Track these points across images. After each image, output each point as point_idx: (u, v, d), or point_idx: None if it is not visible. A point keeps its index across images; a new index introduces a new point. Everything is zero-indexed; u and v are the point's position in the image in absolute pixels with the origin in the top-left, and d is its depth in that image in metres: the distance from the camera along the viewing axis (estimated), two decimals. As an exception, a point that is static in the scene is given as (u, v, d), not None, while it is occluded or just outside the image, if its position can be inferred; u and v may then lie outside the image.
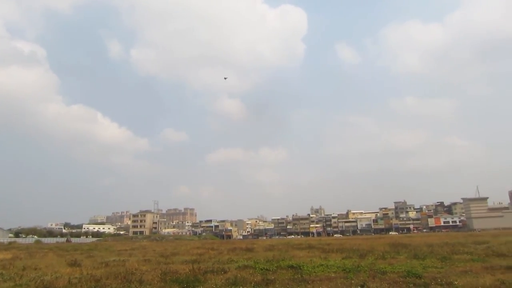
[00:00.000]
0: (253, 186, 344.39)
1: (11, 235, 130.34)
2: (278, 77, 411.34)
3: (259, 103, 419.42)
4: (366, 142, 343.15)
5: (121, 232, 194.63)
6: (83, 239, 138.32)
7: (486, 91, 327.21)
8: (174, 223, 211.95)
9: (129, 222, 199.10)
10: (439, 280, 14.71)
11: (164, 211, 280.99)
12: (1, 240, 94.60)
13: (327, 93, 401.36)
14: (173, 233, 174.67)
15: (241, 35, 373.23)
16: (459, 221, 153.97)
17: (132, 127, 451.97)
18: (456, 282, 14.08)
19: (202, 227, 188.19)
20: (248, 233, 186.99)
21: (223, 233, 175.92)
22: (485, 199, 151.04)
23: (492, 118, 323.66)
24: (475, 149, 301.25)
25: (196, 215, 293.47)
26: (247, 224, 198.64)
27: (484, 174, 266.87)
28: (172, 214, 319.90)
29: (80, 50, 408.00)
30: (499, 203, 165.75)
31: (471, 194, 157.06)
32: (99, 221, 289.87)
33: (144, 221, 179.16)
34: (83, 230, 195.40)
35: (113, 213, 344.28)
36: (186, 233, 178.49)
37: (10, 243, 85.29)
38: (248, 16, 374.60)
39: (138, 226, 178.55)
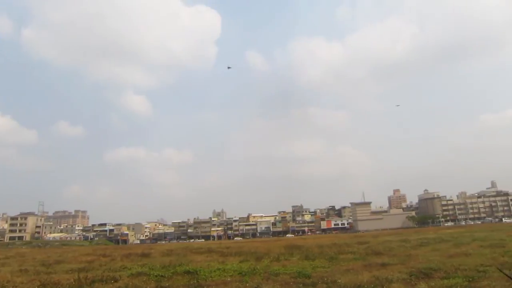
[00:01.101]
0: (155, 188, 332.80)
1: None
2: (188, 77, 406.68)
3: (167, 102, 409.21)
4: (269, 148, 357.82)
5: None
6: None
7: (376, 106, 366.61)
8: (62, 227, 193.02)
9: (6, 226, 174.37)
10: (326, 279, 15.91)
11: (51, 214, 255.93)
12: None
13: (235, 97, 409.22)
14: (61, 238, 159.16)
15: (151, 29, 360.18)
16: (347, 224, 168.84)
17: (18, 116, 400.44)
18: (339, 280, 15.39)
19: (95, 231, 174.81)
20: (146, 238, 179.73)
21: (119, 237, 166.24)
22: (368, 203, 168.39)
23: (379, 132, 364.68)
24: (364, 159, 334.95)
25: (88, 218, 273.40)
26: (146, 227, 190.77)
27: (370, 181, 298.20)
28: (60, 217, 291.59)
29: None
30: (380, 207, 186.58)
31: (358, 199, 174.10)
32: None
33: (25, 224, 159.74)
34: None
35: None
36: (76, 238, 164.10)
37: None
38: (161, 10, 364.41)
39: (17, 231, 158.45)
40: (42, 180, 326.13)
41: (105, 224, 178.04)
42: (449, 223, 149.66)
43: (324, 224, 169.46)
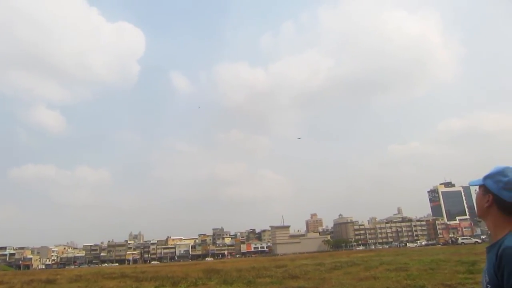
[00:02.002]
0: (66, 208, 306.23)
1: None
2: (108, 93, 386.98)
3: (83, 119, 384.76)
4: (192, 170, 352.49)
5: None
6: None
7: (295, 133, 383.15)
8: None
9: None
10: (241, 303, 16.11)
11: None
12: None
13: (158, 117, 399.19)
14: None
15: (69, 42, 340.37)
16: (267, 247, 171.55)
17: None
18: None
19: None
20: (53, 262, 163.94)
21: (21, 262, 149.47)
22: (287, 227, 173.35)
23: (297, 157, 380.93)
24: (283, 183, 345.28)
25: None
26: (53, 251, 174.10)
27: (289, 205, 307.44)
28: None
29: None
30: (298, 230, 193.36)
31: (278, 223, 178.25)
32: None
33: None
34: None
35: None
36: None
37: None
38: (81, 24, 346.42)
39: None
40: None
41: (5, 248, 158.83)
42: (361, 247, 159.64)
43: (244, 248, 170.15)
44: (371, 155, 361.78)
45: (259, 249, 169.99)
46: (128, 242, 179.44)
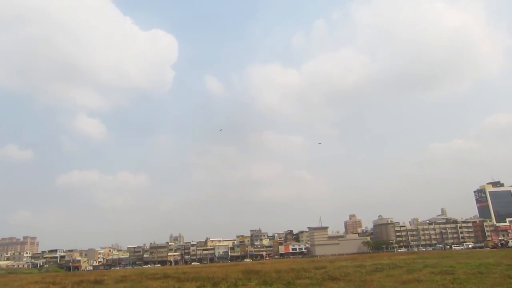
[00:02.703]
0: (109, 212, 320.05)
1: None
2: (144, 100, 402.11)
3: (122, 125, 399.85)
4: (228, 171, 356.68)
5: None
6: None
7: (331, 132, 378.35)
8: (8, 255, 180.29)
9: None
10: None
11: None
12: None
13: (193, 121, 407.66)
14: (7, 266, 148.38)
15: (106, 52, 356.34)
16: (305, 248, 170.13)
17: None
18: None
19: (45, 258, 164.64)
20: (100, 264, 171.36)
21: (70, 264, 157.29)
22: (325, 228, 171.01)
23: (335, 158, 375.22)
24: (320, 184, 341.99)
25: (38, 244, 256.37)
26: (99, 253, 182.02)
27: (327, 206, 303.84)
28: (7, 244, 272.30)
29: None
30: (337, 232, 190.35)
31: (316, 224, 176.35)
32: None
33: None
34: None
35: None
36: (24, 265, 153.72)
37: None
38: (116, 34, 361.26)
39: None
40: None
41: (56, 251, 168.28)
42: (402, 249, 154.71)
43: (282, 249, 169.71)
44: (411, 154, 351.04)
45: (297, 250, 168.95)
46: (169, 243, 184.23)
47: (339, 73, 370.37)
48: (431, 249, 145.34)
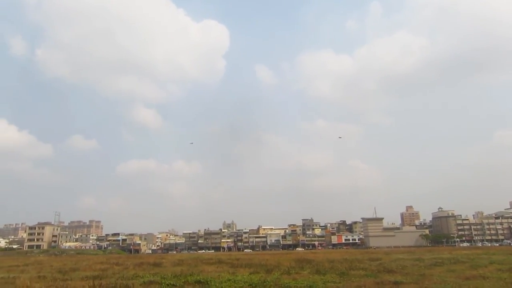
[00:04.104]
0: (165, 199, 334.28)
1: None
2: (197, 90, 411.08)
3: (176, 115, 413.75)
4: (279, 160, 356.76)
5: (14, 246, 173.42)
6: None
7: (386, 120, 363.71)
8: (77, 237, 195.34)
9: (25, 235, 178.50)
10: (336, 294, 15.90)
11: (66, 224, 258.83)
12: None
13: (244, 110, 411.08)
14: (76, 247, 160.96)
15: (161, 45, 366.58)
16: (358, 239, 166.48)
17: (34, 131, 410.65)
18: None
19: (109, 240, 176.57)
20: (158, 247, 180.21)
21: (131, 247, 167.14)
22: (381, 219, 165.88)
23: (390, 146, 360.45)
24: (375, 173, 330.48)
25: (102, 228, 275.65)
26: (157, 238, 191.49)
27: (382, 197, 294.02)
28: (75, 227, 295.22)
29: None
30: (392, 223, 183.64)
31: (370, 214, 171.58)
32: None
33: (43, 234, 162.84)
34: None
35: (5, 225, 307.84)
36: (90, 247, 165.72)
37: None
38: (170, 26, 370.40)
39: (35, 240, 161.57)
40: (58, 191, 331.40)
41: (118, 234, 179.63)
42: (465, 244, 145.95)
43: (334, 239, 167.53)
44: (474, 143, 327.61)
45: (350, 241, 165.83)
46: (222, 230, 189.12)
47: (396, 57, 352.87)
48: (497, 244, 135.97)
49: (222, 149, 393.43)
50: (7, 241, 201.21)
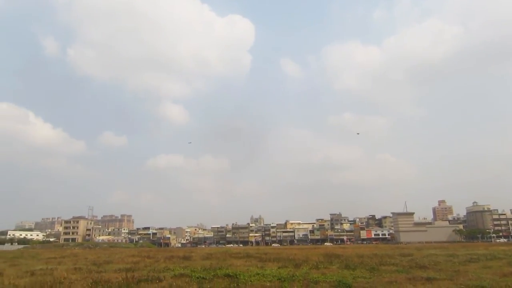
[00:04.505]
0: (193, 194, 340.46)
1: None
2: (223, 85, 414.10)
3: (203, 110, 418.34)
4: (306, 155, 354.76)
5: (51, 239, 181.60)
6: (7, 246, 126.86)
7: (417, 112, 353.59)
8: (109, 230, 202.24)
9: (61, 229, 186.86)
10: (366, 289, 15.60)
11: (99, 218, 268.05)
12: None
13: (270, 105, 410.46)
14: (108, 240, 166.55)
15: (186, 41, 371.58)
16: (388, 234, 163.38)
17: (68, 129, 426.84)
18: (381, 292, 15.03)
19: (139, 234, 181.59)
20: (187, 241, 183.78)
21: (161, 241, 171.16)
22: (411, 214, 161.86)
23: (421, 139, 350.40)
24: (405, 167, 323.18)
25: (133, 222, 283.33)
26: (186, 232, 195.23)
27: (412, 191, 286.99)
28: (107, 221, 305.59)
29: (11, 45, 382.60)
30: (424, 218, 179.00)
31: (400, 209, 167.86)
32: (26, 227, 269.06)
33: (77, 227, 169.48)
34: (8, 236, 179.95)
35: (42, 219, 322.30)
36: (122, 240, 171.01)
37: None
38: (195, 22, 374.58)
39: (70, 233, 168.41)
40: (91, 186, 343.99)
41: (148, 228, 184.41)
42: (502, 239, 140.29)
43: (364, 234, 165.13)
44: (511, 134, 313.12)
45: (380, 236, 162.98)
46: (250, 225, 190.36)
47: (426, 47, 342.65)
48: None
49: (248, 143, 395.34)
50: (45, 234, 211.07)
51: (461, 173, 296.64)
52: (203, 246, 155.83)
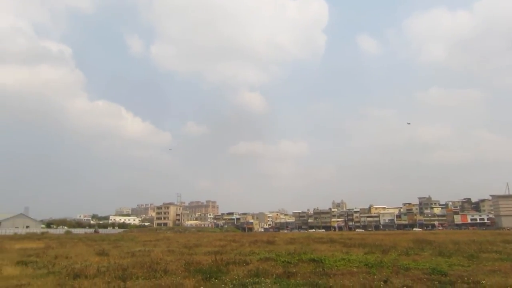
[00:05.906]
0: (274, 179, 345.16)
1: (43, 226, 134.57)
2: (299, 69, 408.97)
3: (280, 95, 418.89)
4: (389, 135, 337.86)
5: (146, 224, 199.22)
6: (110, 230, 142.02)
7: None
8: (196, 216, 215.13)
9: (153, 214, 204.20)
10: (466, 278, 14.30)
11: (186, 204, 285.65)
12: (34, 230, 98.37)
13: (348, 85, 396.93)
14: (196, 225, 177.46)
15: (260, 26, 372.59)
16: (487, 219, 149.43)
17: (154, 121, 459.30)
18: (483, 281, 13.63)
19: (224, 219, 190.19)
20: (269, 226, 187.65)
21: (245, 225, 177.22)
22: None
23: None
24: (505, 144, 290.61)
25: (218, 207, 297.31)
26: (268, 217, 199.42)
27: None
28: (194, 207, 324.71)
29: (103, 47, 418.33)
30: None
31: (501, 191, 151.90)
32: (124, 212, 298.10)
33: (168, 213, 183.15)
34: (109, 221, 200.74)
35: (138, 205, 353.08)
36: (208, 225, 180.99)
37: (42, 233, 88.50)
38: (267, 6, 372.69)
39: (162, 218, 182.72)
40: (178, 174, 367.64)
41: (232, 213, 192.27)
42: None
43: (458, 219, 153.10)
44: None
45: (478, 221, 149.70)
46: (332, 210, 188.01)
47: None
48: None
49: (328, 127, 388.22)
50: (140, 219, 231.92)
51: None
52: (285, 231, 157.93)
